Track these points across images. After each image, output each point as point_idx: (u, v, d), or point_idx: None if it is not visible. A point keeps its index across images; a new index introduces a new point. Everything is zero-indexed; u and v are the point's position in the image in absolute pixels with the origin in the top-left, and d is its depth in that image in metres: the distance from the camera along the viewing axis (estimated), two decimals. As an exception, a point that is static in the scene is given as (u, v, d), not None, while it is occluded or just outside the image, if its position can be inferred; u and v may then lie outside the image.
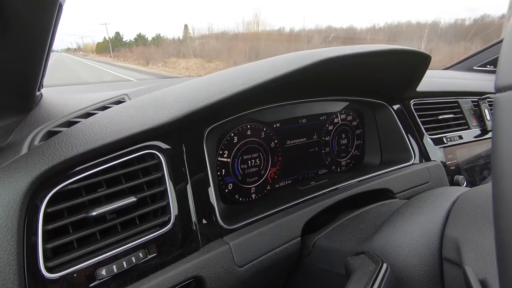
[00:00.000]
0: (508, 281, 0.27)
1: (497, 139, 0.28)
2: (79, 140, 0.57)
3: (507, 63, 0.29)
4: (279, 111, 0.94)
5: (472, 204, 0.58)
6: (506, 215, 0.27)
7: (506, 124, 0.27)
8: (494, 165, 0.28)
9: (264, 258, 0.71)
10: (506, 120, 0.27)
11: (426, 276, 0.56)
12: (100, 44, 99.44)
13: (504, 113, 0.28)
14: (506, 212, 0.27)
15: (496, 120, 0.28)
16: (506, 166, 0.27)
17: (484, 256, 0.48)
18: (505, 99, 0.28)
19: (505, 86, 0.28)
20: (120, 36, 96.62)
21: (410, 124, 1.15)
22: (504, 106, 0.28)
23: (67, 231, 0.55)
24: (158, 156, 0.65)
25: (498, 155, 0.28)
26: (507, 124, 0.27)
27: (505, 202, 0.27)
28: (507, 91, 0.28)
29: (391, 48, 0.81)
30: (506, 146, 0.27)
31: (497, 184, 0.27)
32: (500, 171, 0.27)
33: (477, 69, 1.99)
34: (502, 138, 0.27)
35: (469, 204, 0.59)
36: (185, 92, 0.72)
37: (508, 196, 0.26)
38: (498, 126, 0.28)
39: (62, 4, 0.52)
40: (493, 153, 0.28)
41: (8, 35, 0.50)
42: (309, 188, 0.94)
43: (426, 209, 0.64)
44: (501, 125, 0.28)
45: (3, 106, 0.67)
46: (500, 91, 0.28)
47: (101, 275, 0.55)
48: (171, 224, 0.64)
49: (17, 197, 0.49)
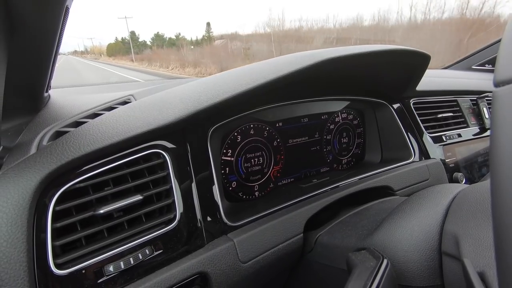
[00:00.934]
0: (505, 274, 0.27)
1: (495, 133, 0.28)
2: (86, 140, 0.57)
3: (505, 58, 0.29)
4: (281, 111, 0.94)
5: (471, 200, 0.58)
6: (503, 206, 0.27)
7: (504, 118, 0.27)
8: (492, 159, 0.28)
9: (267, 254, 0.71)
10: (504, 114, 0.27)
11: (426, 271, 0.56)
12: (112, 46, 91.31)
13: (503, 107, 0.28)
14: (504, 203, 0.27)
15: (494, 115, 0.28)
16: (505, 160, 0.27)
17: (483, 250, 0.48)
18: (503, 93, 0.28)
19: (503, 81, 0.28)
20: (136, 35, 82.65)
21: (410, 123, 1.15)
22: (502, 100, 0.28)
23: (75, 229, 0.55)
24: (163, 155, 0.65)
25: (497, 149, 0.28)
26: (505, 118, 0.27)
27: (503, 193, 0.27)
28: (505, 85, 0.28)
29: (391, 48, 0.81)
30: (504, 139, 0.27)
31: (496, 177, 0.27)
32: (499, 165, 0.27)
33: (475, 68, 1.99)
34: (500, 132, 0.27)
35: (468, 200, 0.59)
36: (190, 92, 0.72)
37: (506, 187, 0.26)
38: (496, 120, 0.28)
39: (68, 7, 0.52)
40: (492, 147, 0.28)
41: (16, 38, 0.50)
42: (311, 186, 0.94)
43: (425, 206, 0.64)
44: (499, 119, 0.28)
45: (12, 107, 0.67)
46: (498, 85, 0.28)
47: (108, 271, 0.56)
48: (177, 221, 0.64)
49: (26, 196, 0.49)
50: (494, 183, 0.28)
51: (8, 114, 0.67)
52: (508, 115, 0.27)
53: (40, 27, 0.51)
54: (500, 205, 0.27)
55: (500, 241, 0.27)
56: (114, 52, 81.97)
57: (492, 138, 0.28)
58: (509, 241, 0.26)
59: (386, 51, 0.80)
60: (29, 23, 0.49)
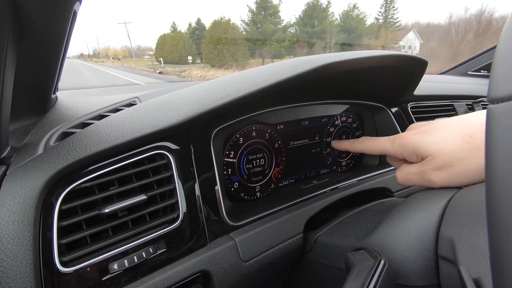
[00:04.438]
0: (501, 281, 0.27)
1: (490, 150, 0.28)
2: (92, 140, 0.57)
3: (499, 75, 0.29)
4: (282, 114, 0.94)
5: (467, 203, 0.58)
6: (499, 225, 0.26)
7: (499, 135, 0.27)
8: (487, 175, 0.28)
9: (268, 254, 0.70)
10: (499, 131, 0.27)
11: (422, 271, 0.56)
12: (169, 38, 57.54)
13: (497, 125, 0.27)
14: (500, 222, 0.26)
15: (489, 132, 0.28)
16: (499, 176, 0.26)
17: (478, 256, 0.47)
18: (497, 111, 0.28)
19: (497, 98, 0.28)
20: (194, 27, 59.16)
21: (408, 126, 1.14)
22: (497, 118, 0.28)
23: (81, 228, 0.55)
24: (167, 156, 0.65)
25: (491, 166, 0.27)
26: (499, 135, 0.27)
27: (498, 213, 0.26)
28: (499, 103, 0.27)
29: (389, 54, 0.80)
30: (498, 157, 0.27)
31: (491, 193, 0.27)
32: (493, 181, 0.27)
33: (471, 74, 1.99)
34: (495, 149, 0.27)
35: (463, 203, 0.58)
36: (194, 95, 0.72)
37: (502, 208, 0.26)
38: (491, 138, 0.28)
39: (76, 11, 0.52)
40: (487, 164, 0.28)
41: (25, 41, 0.50)
42: (311, 187, 0.94)
43: (422, 207, 0.64)
44: (494, 137, 0.27)
45: (20, 108, 0.67)
46: (492, 102, 0.28)
47: (113, 269, 0.55)
48: (180, 221, 0.64)
49: (33, 195, 0.49)
50: (489, 202, 0.27)
51: (16, 115, 0.67)
52: (504, 136, 0.27)
53: (49, 30, 0.51)
54: (495, 224, 0.27)
55: (495, 247, 0.27)
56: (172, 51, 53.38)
57: (487, 156, 0.28)
58: (504, 247, 0.26)
59: (385, 57, 0.80)
60: (37, 27, 0.49)
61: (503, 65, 0.29)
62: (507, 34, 0.30)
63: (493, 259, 0.28)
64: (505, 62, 0.29)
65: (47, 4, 0.47)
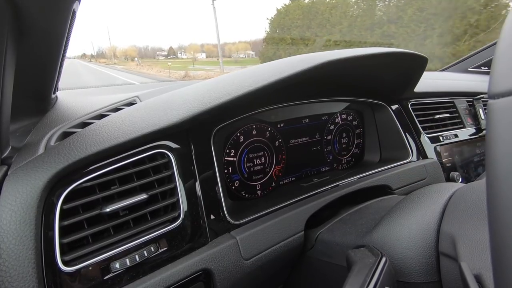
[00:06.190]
0: (502, 277, 0.27)
1: (490, 145, 0.28)
2: (93, 140, 0.57)
3: (499, 71, 0.29)
4: (283, 112, 0.94)
5: (467, 200, 0.58)
6: (500, 220, 0.26)
7: (499, 130, 0.27)
8: (488, 170, 0.28)
9: (269, 252, 0.70)
10: (499, 126, 0.27)
11: (423, 268, 0.56)
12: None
13: (498, 120, 0.27)
14: (501, 216, 0.26)
15: (489, 127, 0.28)
16: (500, 171, 0.26)
17: (479, 252, 0.48)
18: (498, 106, 0.28)
19: (498, 93, 0.28)
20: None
21: (408, 123, 1.14)
22: (497, 113, 0.28)
23: (82, 227, 0.55)
24: (168, 155, 0.65)
25: (492, 161, 0.27)
26: (500, 130, 0.27)
27: (499, 208, 0.26)
28: (500, 98, 0.27)
29: (389, 51, 0.80)
30: (499, 152, 0.27)
31: (491, 188, 0.27)
32: (494, 176, 0.27)
33: (472, 70, 1.98)
34: (495, 144, 0.27)
35: (464, 200, 0.58)
36: (194, 94, 0.72)
37: (503, 202, 0.26)
38: (491, 133, 0.28)
39: (75, 11, 0.52)
40: (487, 159, 0.28)
41: (25, 41, 0.50)
42: (311, 185, 0.94)
43: (423, 204, 0.64)
44: (494, 132, 0.27)
45: (21, 108, 0.67)
46: (493, 98, 0.28)
47: (115, 268, 0.55)
48: (181, 219, 0.64)
49: (34, 194, 0.49)
50: (490, 197, 0.27)
51: (17, 115, 0.67)
52: (504, 131, 0.27)
53: (48, 30, 0.51)
54: (496, 219, 0.27)
55: (496, 242, 0.27)
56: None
57: (487, 151, 0.28)
58: (505, 241, 0.26)
59: (385, 54, 0.80)
60: (37, 26, 0.49)
61: (504, 61, 0.29)
62: (507, 31, 0.30)
63: (494, 254, 0.28)
64: (505, 58, 0.29)
65: (46, 3, 0.47)
